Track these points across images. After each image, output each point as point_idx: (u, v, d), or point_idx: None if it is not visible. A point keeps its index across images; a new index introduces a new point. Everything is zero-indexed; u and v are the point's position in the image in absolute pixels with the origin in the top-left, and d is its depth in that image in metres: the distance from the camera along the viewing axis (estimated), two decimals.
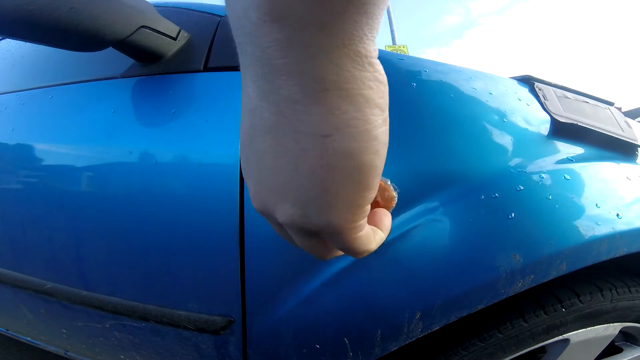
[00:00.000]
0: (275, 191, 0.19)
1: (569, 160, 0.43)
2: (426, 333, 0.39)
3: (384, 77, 0.17)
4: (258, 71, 0.16)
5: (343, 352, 0.40)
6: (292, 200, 0.19)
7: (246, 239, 0.39)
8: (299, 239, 0.22)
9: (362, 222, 0.20)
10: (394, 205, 0.28)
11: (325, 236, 0.20)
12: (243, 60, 0.17)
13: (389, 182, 0.28)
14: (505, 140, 0.41)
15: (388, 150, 0.20)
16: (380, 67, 0.17)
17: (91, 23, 0.38)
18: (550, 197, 0.39)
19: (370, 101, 0.16)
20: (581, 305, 0.48)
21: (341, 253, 0.24)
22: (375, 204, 0.28)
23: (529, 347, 0.48)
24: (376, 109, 0.17)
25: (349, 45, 0.15)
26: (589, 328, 0.51)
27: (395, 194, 0.28)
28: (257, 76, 0.16)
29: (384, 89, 0.17)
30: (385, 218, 0.26)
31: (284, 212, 0.20)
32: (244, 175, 0.22)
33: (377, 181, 0.19)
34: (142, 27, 0.43)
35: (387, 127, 0.18)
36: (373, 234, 0.23)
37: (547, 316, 0.46)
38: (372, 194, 0.19)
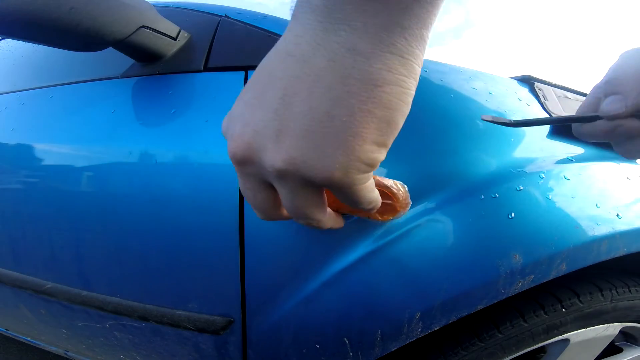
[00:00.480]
0: (283, 133, 0.20)
1: (569, 160, 0.43)
2: (426, 333, 0.39)
3: None
4: (328, 27, 0.19)
5: (343, 352, 0.40)
6: (308, 145, 0.19)
7: (246, 239, 0.39)
8: (295, 194, 0.22)
9: (371, 172, 0.22)
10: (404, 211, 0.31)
11: (331, 184, 0.21)
12: (305, 18, 0.19)
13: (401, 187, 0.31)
14: (505, 140, 0.41)
15: (390, 150, 0.22)
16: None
17: (91, 23, 0.38)
18: (550, 197, 0.39)
19: (416, 74, 0.20)
20: (581, 305, 0.48)
21: (326, 216, 0.25)
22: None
23: (529, 347, 0.48)
24: (416, 82, 0.20)
25: (417, 29, 0.18)
26: (589, 328, 0.51)
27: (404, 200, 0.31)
28: (324, 31, 0.19)
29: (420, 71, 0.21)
30: None
31: (288, 158, 0.20)
32: (227, 121, 0.22)
33: (392, 142, 0.21)
34: (142, 27, 0.43)
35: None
36: (374, 187, 0.24)
37: (547, 316, 0.46)
38: (385, 153, 0.21)
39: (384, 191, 0.31)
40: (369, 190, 0.23)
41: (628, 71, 0.30)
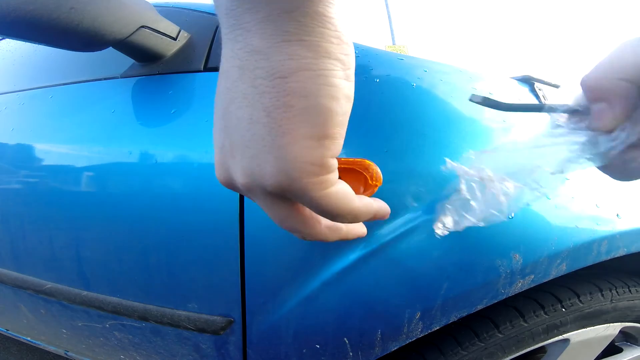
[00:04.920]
0: (233, 149, 0.19)
1: None
2: (426, 333, 0.39)
3: (348, 39, 0.19)
4: (231, 37, 0.19)
5: (343, 352, 0.40)
6: (249, 155, 0.19)
7: (246, 239, 0.39)
8: (269, 208, 0.21)
9: (329, 176, 0.19)
10: (379, 184, 0.27)
11: (292, 196, 0.19)
12: (222, 34, 0.19)
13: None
14: (505, 140, 0.41)
15: (389, 149, 0.20)
16: (344, 29, 0.18)
17: (91, 23, 0.38)
18: (550, 197, 0.39)
19: (330, 53, 0.18)
20: (581, 305, 0.48)
21: (321, 224, 0.22)
22: (365, 185, 0.27)
23: (529, 347, 0.48)
24: (337, 61, 0.18)
25: (308, 7, 0.17)
26: (589, 328, 0.51)
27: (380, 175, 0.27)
28: (230, 42, 0.19)
29: (348, 48, 0.19)
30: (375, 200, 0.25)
31: (243, 171, 0.19)
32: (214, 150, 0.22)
33: (338, 132, 0.19)
34: (142, 27, 0.43)
35: (352, 84, 0.19)
36: (357, 196, 0.21)
37: (547, 316, 0.46)
38: (335, 146, 0.19)
39: (354, 168, 0.28)
40: (341, 197, 0.20)
41: (615, 73, 0.23)
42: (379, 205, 0.24)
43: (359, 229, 0.27)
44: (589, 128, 0.24)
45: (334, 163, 0.19)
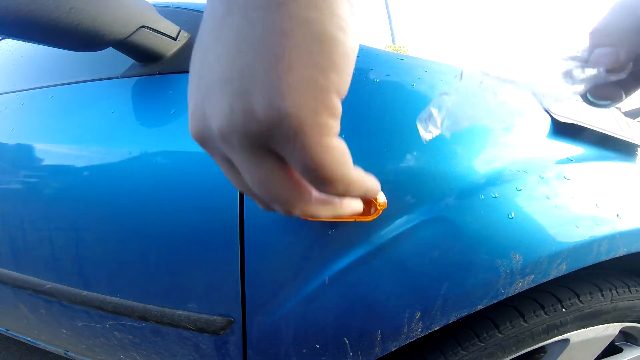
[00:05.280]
0: (210, 87, 0.16)
1: (569, 160, 0.43)
2: (426, 333, 0.39)
3: None
4: None
5: (343, 352, 0.40)
6: (230, 91, 0.15)
7: (246, 238, 0.39)
8: (249, 164, 0.17)
9: (330, 121, 0.16)
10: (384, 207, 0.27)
11: (281, 144, 0.16)
12: None
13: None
14: (505, 140, 0.41)
15: (389, 149, 0.18)
16: None
17: (91, 23, 0.38)
18: (551, 197, 0.39)
19: None
20: (581, 305, 0.48)
21: (312, 194, 0.19)
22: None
23: (529, 347, 0.48)
24: None
25: None
26: (589, 328, 0.51)
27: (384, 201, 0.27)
28: None
29: None
30: None
31: (221, 111, 0.16)
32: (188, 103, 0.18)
33: (345, 63, 0.15)
34: (142, 27, 0.43)
35: (358, 21, 0.16)
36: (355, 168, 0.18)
37: (547, 316, 0.46)
38: (341, 82, 0.15)
39: None
40: (339, 157, 0.16)
41: (620, 23, 0.24)
42: (371, 182, 0.20)
43: (355, 204, 0.22)
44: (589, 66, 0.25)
45: (339, 106, 0.16)
